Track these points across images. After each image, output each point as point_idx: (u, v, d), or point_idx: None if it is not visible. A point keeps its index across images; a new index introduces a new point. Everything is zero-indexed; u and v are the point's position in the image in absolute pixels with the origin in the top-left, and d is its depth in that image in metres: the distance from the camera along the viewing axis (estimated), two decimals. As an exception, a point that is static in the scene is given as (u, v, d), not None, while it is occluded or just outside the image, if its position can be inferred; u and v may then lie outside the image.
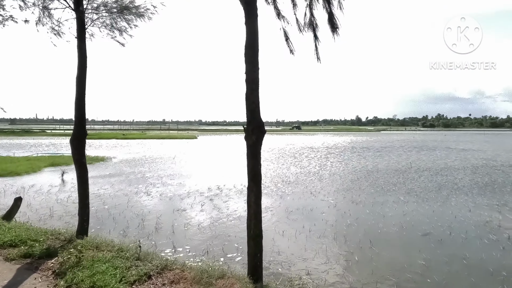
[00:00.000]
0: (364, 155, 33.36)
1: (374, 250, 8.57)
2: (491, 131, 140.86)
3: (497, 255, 8.29)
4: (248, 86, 4.84)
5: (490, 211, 12.24)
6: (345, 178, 19.53)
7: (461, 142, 57.83)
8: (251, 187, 5.12)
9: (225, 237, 9.47)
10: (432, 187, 16.75)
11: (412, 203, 13.59)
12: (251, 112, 4.81)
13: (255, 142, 4.95)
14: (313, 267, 7.56)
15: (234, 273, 4.94)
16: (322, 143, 53.65)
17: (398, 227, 10.47)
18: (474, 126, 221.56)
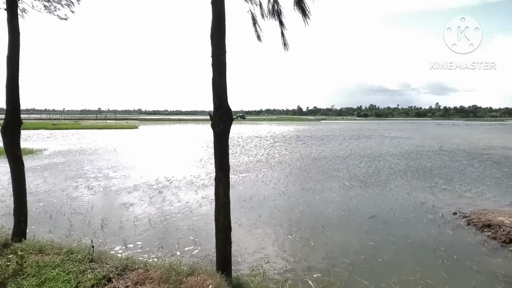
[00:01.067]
0: (308, 143, 34.60)
1: (327, 234, 8.91)
2: (416, 120, 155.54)
3: (435, 232, 9.13)
4: (215, 70, 4.56)
5: (424, 193, 13.46)
6: (293, 165, 20.04)
7: (392, 131, 62.90)
8: (220, 177, 4.91)
9: (179, 230, 9.12)
10: (372, 172, 17.94)
11: (356, 187, 14.41)
12: (219, 98, 4.56)
13: (223, 130, 4.73)
14: (272, 255, 7.62)
15: (204, 269, 4.72)
16: (267, 132, 54.48)
17: (346, 211, 11.02)
18: (401, 115, 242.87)
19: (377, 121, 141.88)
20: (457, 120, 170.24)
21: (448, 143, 36.74)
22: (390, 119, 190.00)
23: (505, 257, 7.67)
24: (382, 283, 6.38)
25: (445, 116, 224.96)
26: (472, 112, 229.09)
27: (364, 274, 6.74)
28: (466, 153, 26.97)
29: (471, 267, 7.12)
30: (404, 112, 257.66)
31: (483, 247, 8.26)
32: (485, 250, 8.07)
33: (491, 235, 8.80)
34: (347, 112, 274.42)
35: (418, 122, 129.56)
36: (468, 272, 6.92)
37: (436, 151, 28.86)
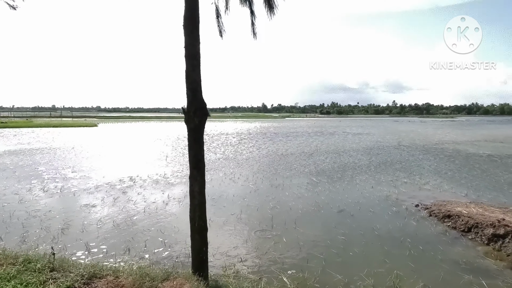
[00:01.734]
0: (275, 140, 34.84)
1: (298, 230, 8.93)
2: (375, 117, 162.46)
3: (400, 224, 9.48)
4: (188, 62, 4.31)
5: (387, 187, 13.98)
6: (261, 162, 20.03)
7: (354, 127, 65.14)
8: (195, 175, 4.67)
9: (146, 232, 8.72)
10: (338, 168, 18.37)
11: (323, 183, 14.66)
12: (193, 92, 4.32)
13: (198, 126, 4.50)
14: (245, 253, 7.50)
15: (179, 272, 4.48)
16: (234, 129, 54.19)
17: (316, 206, 11.15)
18: (361, 113, 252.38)
19: (339, 118, 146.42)
20: (412, 117, 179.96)
21: (405, 138, 38.65)
22: (351, 116, 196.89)
23: (465, 246, 8.12)
24: (354, 276, 6.48)
25: (401, 113, 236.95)
26: (426, 110, 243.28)
27: (337, 268, 6.82)
28: (422, 148, 28.48)
29: (436, 257, 7.45)
30: (363, 109, 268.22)
31: (444, 236, 8.69)
32: (447, 239, 8.50)
33: (451, 225, 9.29)
34: (310, 110, 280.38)
35: (377, 119, 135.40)
36: (433, 262, 7.23)
37: (395, 146, 30.21)
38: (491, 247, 7.88)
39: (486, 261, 7.28)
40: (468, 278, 6.45)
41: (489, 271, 6.80)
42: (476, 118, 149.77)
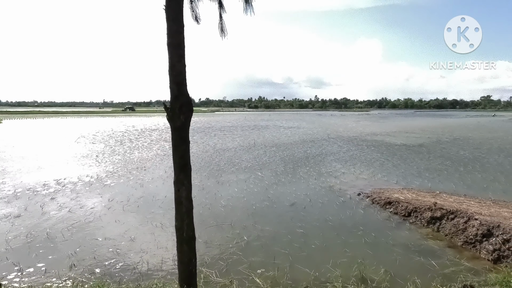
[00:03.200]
0: (210, 135, 34.19)
1: (257, 227, 8.81)
2: (300, 111, 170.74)
3: (350, 214, 9.98)
4: (173, 52, 3.75)
5: (329, 177, 14.67)
6: (202, 158, 19.42)
7: (284, 121, 67.48)
8: (181, 180, 4.16)
9: (92, 242, 7.75)
10: (279, 161, 18.72)
11: (269, 177, 14.79)
12: (179, 85, 3.79)
13: (184, 124, 3.98)
14: (208, 256, 7.11)
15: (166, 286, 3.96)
16: (163, 124, 51.82)
17: (268, 201, 11.16)
18: (287, 107, 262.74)
19: (268, 112, 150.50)
20: (332, 110, 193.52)
21: (332, 131, 41.28)
22: (278, 110, 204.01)
23: (408, 229, 8.86)
24: (321, 269, 6.58)
25: (322, 107, 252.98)
26: (344, 104, 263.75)
27: (304, 262, 6.86)
28: (349, 140, 30.68)
29: (388, 242, 7.99)
30: (289, 103, 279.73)
31: (389, 222, 9.38)
32: (392, 225, 9.19)
33: (393, 211, 10.08)
34: (238, 104, 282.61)
35: (302, 112, 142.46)
36: (387, 247, 7.73)
37: (325, 138, 32.04)
38: (430, 228, 8.74)
39: (429, 242, 8.03)
40: (419, 260, 7.03)
41: (434, 251, 7.51)
42: (386, 112, 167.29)
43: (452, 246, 7.80)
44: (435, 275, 6.33)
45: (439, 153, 22.07)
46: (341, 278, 6.14)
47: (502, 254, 6.83)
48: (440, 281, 6.01)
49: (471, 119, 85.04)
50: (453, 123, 65.05)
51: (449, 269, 6.61)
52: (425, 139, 31.31)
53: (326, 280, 6.15)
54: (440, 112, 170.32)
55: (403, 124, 60.74)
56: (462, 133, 39.04)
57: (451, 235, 8.11)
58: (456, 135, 36.04)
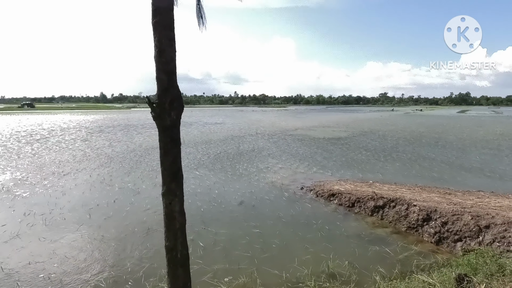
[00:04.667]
0: (132, 133, 31.61)
1: (211, 231, 8.27)
2: (221, 107, 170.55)
3: (299, 208, 10.05)
4: (162, 33, 2.99)
5: (268, 173, 14.68)
6: (130, 159, 17.77)
7: (207, 117, 66.36)
8: (173, 190, 3.42)
9: (13, 268, 6.31)
10: (214, 159, 18.16)
11: (208, 176, 14.18)
12: (169, 75, 3.06)
13: (174, 121, 3.27)
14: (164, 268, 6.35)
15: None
16: (76, 122, 46.42)
17: (215, 202, 10.61)
18: (207, 103, 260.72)
19: (189, 108, 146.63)
20: (252, 106, 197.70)
21: (258, 126, 41.97)
22: (198, 106, 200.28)
23: (356, 220, 9.28)
24: (290, 268, 6.42)
25: (242, 103, 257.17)
26: (262, 100, 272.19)
27: (269, 263, 6.61)
28: (276, 134, 31.50)
29: (342, 233, 8.23)
30: (209, 99, 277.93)
31: (337, 214, 9.72)
32: (341, 216, 9.53)
33: (338, 202, 10.48)
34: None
35: (224, 108, 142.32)
36: (342, 238, 7.94)
37: (253, 134, 32.36)
38: (375, 217, 9.29)
39: (377, 230, 8.51)
40: (375, 249, 7.36)
41: (384, 239, 7.96)
42: (302, 107, 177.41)
43: (397, 232, 8.39)
44: (393, 261, 6.68)
45: (358, 145, 24.01)
46: (312, 276, 6.05)
47: (443, 236, 7.55)
48: (400, 268, 6.34)
49: (374, 113, 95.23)
50: (361, 117, 71.93)
51: (402, 255, 7.04)
52: (343, 133, 33.87)
53: (298, 281, 5.99)
54: (348, 107, 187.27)
55: (319, 119, 64.98)
56: (371, 126, 43.32)
57: (395, 221, 8.72)
58: (366, 128, 39.82)
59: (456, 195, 9.76)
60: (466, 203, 8.44)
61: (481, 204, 8.29)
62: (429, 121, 56.40)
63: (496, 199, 9.00)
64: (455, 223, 7.48)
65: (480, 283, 3.82)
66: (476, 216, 7.31)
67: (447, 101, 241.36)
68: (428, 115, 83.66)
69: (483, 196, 9.66)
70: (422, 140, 27.79)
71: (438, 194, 10.02)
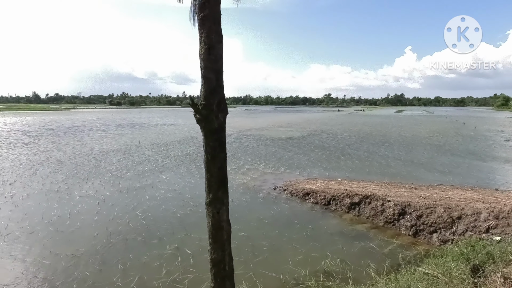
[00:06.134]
0: (82, 135, 29.34)
1: (195, 237, 7.94)
2: (170, 108, 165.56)
3: (278, 209, 10.05)
4: (211, 28, 2.68)
5: (236, 174, 14.52)
6: (84, 164, 16.38)
7: (158, 118, 63.97)
8: (220, 198, 3.13)
9: None
10: (176, 162, 17.52)
11: (176, 179, 13.64)
12: (217, 74, 2.77)
13: (222, 124, 2.98)
14: (160, 282, 5.96)
15: None
16: (9, 124, 41.82)
17: (190, 207, 10.27)
18: (154, 103, 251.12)
19: (136, 109, 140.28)
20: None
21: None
22: (144, 107, 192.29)
23: (334, 217, 9.54)
24: (286, 270, 6.40)
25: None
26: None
27: (265, 267, 6.53)
28: (234, 134, 31.30)
29: (325, 231, 8.41)
30: (156, 100, 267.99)
31: (316, 212, 9.91)
32: (319, 214, 9.73)
33: (313, 201, 10.68)
34: (97, 100, 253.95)
35: (173, 109, 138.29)
36: (327, 236, 8.11)
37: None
38: (352, 214, 9.62)
39: (357, 226, 8.83)
40: (360, 244, 7.62)
41: (365, 234, 8.28)
42: (252, 108, 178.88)
43: (375, 227, 8.78)
44: (380, 256, 6.97)
45: (316, 144, 24.81)
46: (310, 276, 6.08)
47: (419, 228, 8.06)
48: (389, 262, 6.63)
49: (322, 113, 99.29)
50: (311, 117, 74.54)
51: (386, 249, 7.38)
52: (297, 132, 34.78)
53: (297, 282, 5.98)
54: (295, 108, 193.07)
55: (271, 119, 66.06)
56: (321, 126, 45.08)
57: (372, 217, 9.12)
58: (318, 128, 41.35)
59: (421, 190, 10.50)
60: (434, 197, 9.11)
61: (448, 197, 9.00)
62: (372, 120, 60.22)
63: (458, 192, 9.85)
64: (429, 216, 8.02)
65: (495, 271, 4.10)
66: (448, 208, 7.92)
67: (384, 101, 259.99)
68: (370, 115, 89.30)
69: (445, 189, 10.52)
70: (370, 138, 29.55)
71: (405, 189, 10.69)
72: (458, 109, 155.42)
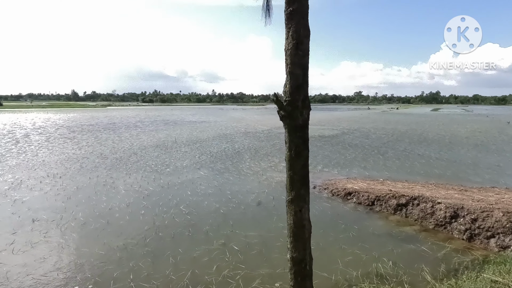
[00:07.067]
0: (120, 132, 30.50)
1: (240, 234, 7.98)
2: (199, 105, 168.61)
3: (320, 208, 9.92)
4: (300, 24, 2.68)
5: (274, 172, 14.47)
6: (125, 159, 17.00)
7: (190, 115, 65.32)
8: (303, 196, 3.13)
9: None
10: (212, 158, 17.74)
11: (214, 175, 13.80)
12: (304, 69, 2.76)
13: (306, 121, 2.97)
14: (213, 277, 6.04)
15: None
16: (53, 121, 44.28)
17: (232, 203, 10.29)
18: (184, 101, 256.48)
19: (168, 106, 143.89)
20: (231, 104, 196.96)
21: (244, 124, 41.72)
22: (175, 104, 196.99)
23: (380, 218, 9.25)
24: (337, 271, 6.24)
25: (220, 101, 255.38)
26: (240, 98, 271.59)
27: (314, 266, 6.41)
28: (266, 132, 31.34)
29: (373, 232, 8.17)
30: (186, 98, 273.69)
31: (359, 213, 9.66)
32: (364, 215, 9.49)
33: (356, 201, 10.44)
34: (131, 98, 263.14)
35: (203, 107, 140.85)
36: (373, 238, 7.87)
37: (243, 132, 32.12)
38: (398, 215, 9.30)
39: (405, 228, 8.51)
40: (410, 247, 7.34)
41: (414, 237, 7.97)
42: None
43: (425, 230, 8.42)
44: (433, 260, 6.67)
45: (351, 143, 24.29)
46: (362, 278, 5.93)
47: (474, 233, 7.64)
48: (444, 267, 6.33)
49: (353, 112, 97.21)
50: (341, 115, 73.19)
51: (440, 253, 7.05)
52: (330, 131, 34.22)
53: (350, 283, 5.84)
54: (325, 105, 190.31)
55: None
56: (354, 124, 44.10)
57: (421, 219, 8.77)
58: (350, 126, 40.48)
59: (473, 192, 9.98)
60: (489, 200, 8.62)
61: (504, 200, 8.49)
62: (407, 119, 58.20)
63: (515, 195, 9.27)
64: (486, 220, 7.59)
65: None
66: (507, 212, 7.46)
67: (418, 99, 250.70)
68: (404, 113, 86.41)
69: (500, 192, 9.94)
70: (406, 137, 28.55)
71: (454, 191, 10.20)
72: (499, 108, 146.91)
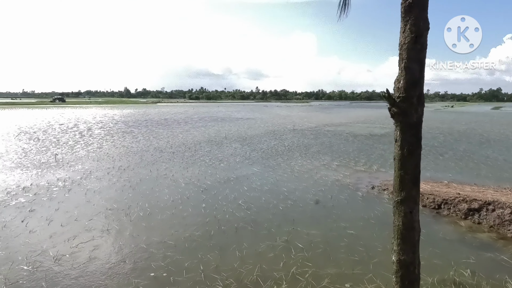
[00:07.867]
0: (171, 127, 31.84)
1: (302, 231, 7.94)
2: (243, 102, 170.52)
3: (382, 209, 9.54)
4: (419, 17, 2.63)
5: (329, 171, 14.22)
6: (181, 153, 17.69)
7: (235, 112, 66.37)
8: (414, 196, 3.09)
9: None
10: (263, 155, 17.84)
11: (268, 172, 13.85)
12: (421, 64, 2.71)
13: (420, 118, 2.92)
14: (283, 273, 6.07)
15: None
16: (111, 116, 47.37)
17: (290, 200, 10.23)
18: (228, 98, 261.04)
19: (214, 103, 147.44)
20: (275, 102, 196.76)
21: (291, 121, 41.48)
22: (220, 101, 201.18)
23: (448, 223, 8.71)
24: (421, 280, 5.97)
25: (263, 98, 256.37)
26: (283, 95, 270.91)
27: (383, 268, 6.19)
28: (313, 130, 30.88)
29: (444, 238, 7.71)
30: (230, 95, 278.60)
31: (425, 216, 9.12)
32: (430, 218, 8.99)
33: (421, 204, 9.84)
34: (178, 95, 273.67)
35: (247, 104, 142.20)
36: (446, 243, 7.43)
37: (291, 129, 31.95)
38: (470, 221, 8.69)
39: (479, 235, 7.93)
40: (488, 255, 6.82)
41: (491, 245, 7.38)
42: (325, 103, 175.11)
43: (503, 238, 7.77)
44: (519, 271, 6.14)
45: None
46: (440, 285, 5.62)
47: None
48: (533, 279, 5.80)
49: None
50: (391, 113, 69.87)
51: (524, 264, 6.48)
52: (379, 129, 32.90)
53: (426, 290, 5.56)
54: (372, 103, 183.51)
55: (349, 114, 63.76)
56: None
57: (497, 226, 8.11)
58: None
59: (558, 199, 9.03)
60: None
61: None
62: (464, 118, 54.33)
63: None
64: None
65: None
66: None
67: (476, 97, 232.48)
68: (460, 111, 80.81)
69: None
70: (465, 137, 26.63)
71: (535, 197, 9.31)
72: None
